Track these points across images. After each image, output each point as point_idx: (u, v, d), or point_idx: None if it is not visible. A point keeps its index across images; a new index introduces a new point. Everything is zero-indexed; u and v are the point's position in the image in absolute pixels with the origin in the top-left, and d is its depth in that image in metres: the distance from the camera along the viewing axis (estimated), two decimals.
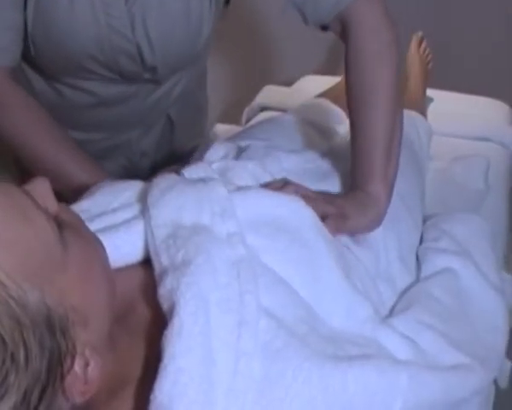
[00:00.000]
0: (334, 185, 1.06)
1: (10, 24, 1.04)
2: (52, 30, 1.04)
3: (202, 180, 0.82)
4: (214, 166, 0.94)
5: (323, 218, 0.87)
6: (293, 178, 0.96)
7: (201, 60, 1.27)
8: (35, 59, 1.10)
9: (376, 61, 1.00)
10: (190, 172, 0.88)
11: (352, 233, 0.95)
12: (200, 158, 1.07)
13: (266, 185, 0.93)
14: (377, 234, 0.98)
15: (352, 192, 1.00)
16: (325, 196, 0.95)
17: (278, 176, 0.97)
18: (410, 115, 1.52)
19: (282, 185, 0.91)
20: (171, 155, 1.39)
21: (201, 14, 1.13)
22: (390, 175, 1.01)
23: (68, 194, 1.01)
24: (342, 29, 1.04)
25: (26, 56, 1.10)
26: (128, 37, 1.09)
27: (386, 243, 0.99)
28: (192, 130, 1.43)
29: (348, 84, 1.03)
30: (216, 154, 1.06)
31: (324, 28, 1.09)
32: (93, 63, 1.09)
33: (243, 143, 1.13)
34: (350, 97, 1.03)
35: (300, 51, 2.40)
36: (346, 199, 0.97)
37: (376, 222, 0.98)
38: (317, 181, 1.03)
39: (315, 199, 0.89)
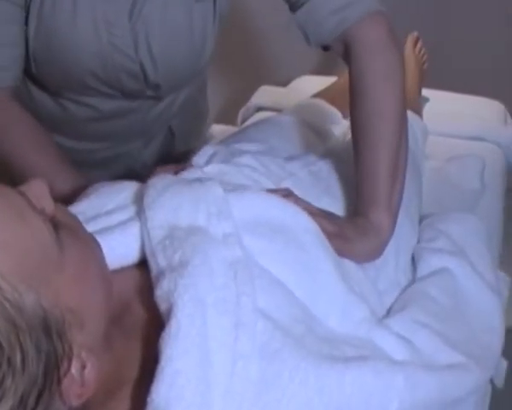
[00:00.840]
0: (336, 197, 1.04)
1: (9, 40, 1.02)
2: (54, 46, 1.03)
3: (199, 180, 0.82)
4: (207, 169, 0.93)
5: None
6: (294, 182, 0.96)
7: (204, 73, 1.26)
8: (37, 75, 1.09)
9: (381, 84, 0.97)
10: (186, 174, 0.88)
11: (350, 258, 0.90)
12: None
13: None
14: None
15: (354, 217, 0.97)
16: (326, 215, 0.93)
17: (278, 179, 0.98)
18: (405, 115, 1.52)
19: (283, 195, 0.89)
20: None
21: (205, 30, 1.11)
22: (394, 203, 0.97)
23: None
24: (345, 50, 1.02)
25: (29, 72, 1.09)
26: (131, 56, 1.07)
27: (385, 253, 0.98)
28: (192, 136, 1.42)
29: (352, 106, 1.01)
30: (203, 157, 1.06)
31: (326, 48, 1.06)
32: (94, 80, 1.08)
33: (237, 147, 1.12)
34: (354, 120, 1.01)
35: (296, 51, 2.40)
36: (348, 222, 0.94)
37: (377, 252, 0.95)
38: (320, 192, 1.02)
39: (315, 214, 0.87)
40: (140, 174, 1.24)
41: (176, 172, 0.91)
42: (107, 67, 1.06)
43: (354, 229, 0.93)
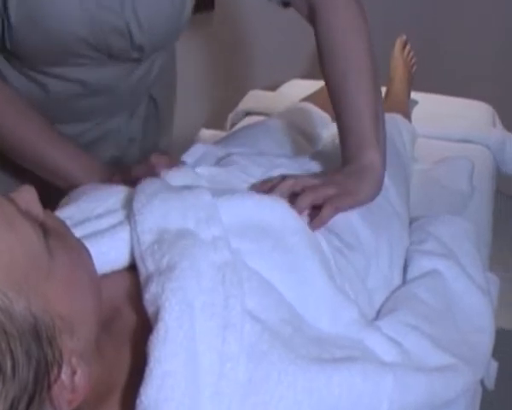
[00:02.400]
0: None
1: None
2: (38, 15, 1.02)
3: (187, 187, 0.83)
4: (199, 170, 0.94)
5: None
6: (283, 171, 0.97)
7: (178, 37, 1.28)
8: (14, 52, 1.08)
9: (347, 33, 1.03)
10: (175, 177, 0.88)
11: (358, 206, 0.96)
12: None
13: (264, 183, 0.94)
14: (370, 239, 0.99)
15: (346, 166, 1.00)
16: (324, 179, 0.95)
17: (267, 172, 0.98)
18: (393, 118, 1.53)
19: (279, 181, 0.92)
20: (158, 141, 1.41)
21: None
22: (380, 139, 1.01)
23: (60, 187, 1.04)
24: (308, 10, 1.07)
25: (2, 52, 1.09)
26: (118, 13, 1.08)
27: (379, 249, 0.99)
28: (171, 109, 1.45)
29: (323, 59, 1.05)
30: (193, 155, 1.06)
31: (286, 4, 1.11)
32: (82, 45, 1.08)
33: (225, 151, 1.13)
34: (327, 73, 1.05)
35: (285, 55, 2.41)
36: (343, 174, 0.98)
37: (377, 189, 0.99)
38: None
39: (314, 188, 0.91)
40: (129, 153, 1.31)
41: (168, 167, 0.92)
42: (95, 28, 1.07)
43: (351, 178, 0.97)
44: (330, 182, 0.95)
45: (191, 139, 1.78)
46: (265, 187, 0.94)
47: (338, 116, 1.04)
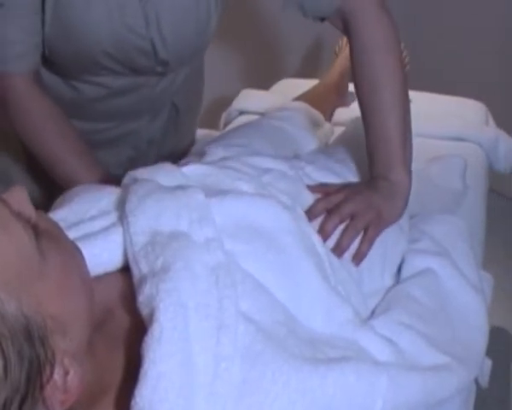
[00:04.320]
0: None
1: (31, 29, 1.09)
2: (70, 31, 1.10)
3: (180, 187, 0.83)
4: (186, 169, 0.93)
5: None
6: (275, 175, 0.98)
7: (205, 50, 1.35)
8: (50, 59, 1.15)
9: (379, 51, 1.06)
10: (163, 177, 0.88)
11: (384, 227, 1.00)
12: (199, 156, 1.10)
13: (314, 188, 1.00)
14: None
15: (374, 182, 1.04)
16: (362, 199, 0.99)
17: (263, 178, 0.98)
18: None
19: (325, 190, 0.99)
20: (176, 145, 1.45)
21: (209, 8, 1.18)
22: (408, 160, 1.06)
23: None
24: (343, 24, 1.10)
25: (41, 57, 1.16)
26: (142, 34, 1.14)
27: (371, 256, 0.99)
28: (193, 115, 1.51)
29: (357, 78, 1.08)
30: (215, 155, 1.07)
31: (323, 19, 1.14)
32: (108, 60, 1.14)
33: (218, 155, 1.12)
34: (360, 92, 1.08)
35: (278, 54, 2.41)
36: (374, 191, 1.02)
37: (404, 208, 1.04)
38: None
39: (355, 215, 0.96)
40: (146, 153, 1.36)
41: None
42: (120, 46, 1.13)
43: (382, 197, 1.02)
44: (368, 205, 0.98)
45: None
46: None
47: (368, 132, 1.08)
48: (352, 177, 1.13)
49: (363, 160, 1.13)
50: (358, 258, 0.96)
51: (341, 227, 0.97)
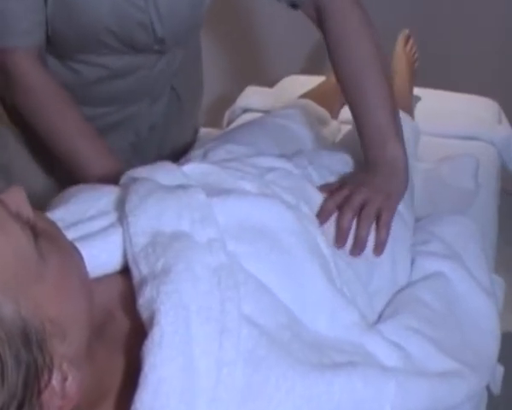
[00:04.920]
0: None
1: (34, 6, 1.13)
2: (72, 8, 1.14)
3: (181, 187, 0.83)
4: (187, 168, 0.93)
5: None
6: (280, 174, 0.99)
7: (198, 32, 1.41)
8: (53, 40, 1.19)
9: (357, 37, 1.11)
10: (164, 176, 0.88)
11: (398, 204, 1.04)
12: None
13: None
14: (371, 245, 0.99)
15: (373, 166, 1.07)
16: (366, 186, 1.02)
17: (266, 177, 0.98)
18: None
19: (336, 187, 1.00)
20: (179, 134, 1.48)
21: None
22: (399, 131, 1.09)
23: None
24: (317, 13, 1.14)
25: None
26: (142, 7, 1.18)
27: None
28: (194, 105, 1.53)
29: (335, 64, 1.12)
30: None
31: (294, 6, 1.18)
32: (109, 37, 1.18)
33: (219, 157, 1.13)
34: (341, 76, 1.12)
35: (283, 51, 2.41)
36: (375, 175, 1.05)
37: (407, 180, 1.07)
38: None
39: (366, 202, 0.99)
40: (148, 139, 1.40)
41: None
42: (121, 21, 1.17)
43: (383, 178, 1.05)
44: (374, 191, 1.01)
45: None
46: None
47: (356, 115, 1.11)
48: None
49: None
50: (380, 247, 0.97)
51: (333, 219, 0.98)
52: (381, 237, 0.98)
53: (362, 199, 0.99)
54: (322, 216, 0.96)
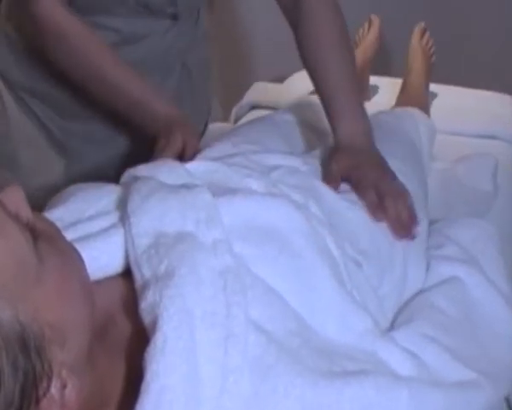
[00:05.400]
0: None
1: None
2: None
3: (185, 186, 0.83)
4: (191, 166, 0.93)
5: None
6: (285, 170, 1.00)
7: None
8: None
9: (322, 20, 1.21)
10: (167, 175, 0.88)
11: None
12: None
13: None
14: (385, 245, 1.00)
15: (352, 145, 1.14)
16: (367, 166, 1.09)
17: (272, 175, 0.98)
18: (410, 112, 1.53)
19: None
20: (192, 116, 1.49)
21: None
22: (357, 109, 1.18)
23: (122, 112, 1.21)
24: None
25: None
26: None
27: (393, 256, 1.00)
28: (205, 87, 1.55)
29: (305, 55, 1.23)
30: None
31: None
32: None
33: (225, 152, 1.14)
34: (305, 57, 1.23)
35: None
36: (362, 153, 1.12)
37: (370, 134, 1.16)
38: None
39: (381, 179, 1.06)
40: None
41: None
42: None
43: (371, 153, 1.13)
44: (373, 166, 1.09)
45: None
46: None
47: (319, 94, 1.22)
48: None
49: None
50: (413, 223, 1.03)
51: None
52: (411, 217, 1.04)
53: (372, 179, 1.06)
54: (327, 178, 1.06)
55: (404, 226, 1.02)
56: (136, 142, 1.38)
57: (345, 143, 1.14)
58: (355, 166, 1.09)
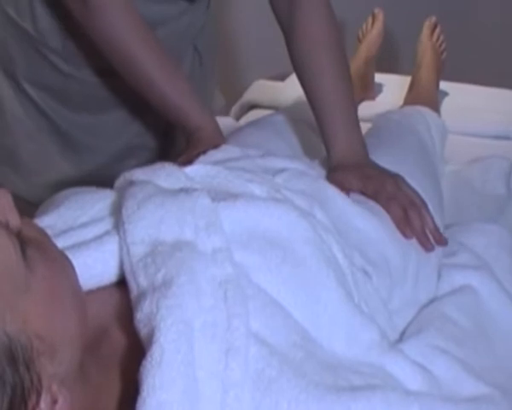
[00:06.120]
0: None
1: None
2: None
3: (184, 190, 0.83)
4: (190, 170, 0.94)
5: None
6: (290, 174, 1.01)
7: None
8: None
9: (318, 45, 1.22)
10: (164, 179, 0.89)
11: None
12: None
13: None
14: (397, 257, 1.00)
15: (360, 158, 1.15)
16: (381, 178, 1.10)
17: (276, 179, 0.99)
18: (420, 111, 1.53)
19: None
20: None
21: None
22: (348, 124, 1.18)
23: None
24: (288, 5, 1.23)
25: None
26: None
27: (406, 268, 1.00)
28: (213, 71, 1.58)
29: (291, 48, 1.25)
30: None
31: None
32: None
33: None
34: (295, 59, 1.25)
35: None
36: (371, 165, 1.14)
37: (365, 148, 1.17)
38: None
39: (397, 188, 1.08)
40: None
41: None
42: None
43: (376, 165, 1.13)
44: (387, 178, 1.10)
45: None
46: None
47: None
48: None
49: (393, 162, 1.14)
50: (440, 236, 1.06)
51: None
52: (430, 223, 1.06)
53: (390, 189, 1.07)
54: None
55: (429, 239, 1.05)
56: (147, 134, 1.42)
57: (341, 160, 1.14)
58: (366, 176, 1.10)
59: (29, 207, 0.99)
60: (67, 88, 1.34)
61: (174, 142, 1.46)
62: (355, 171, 1.11)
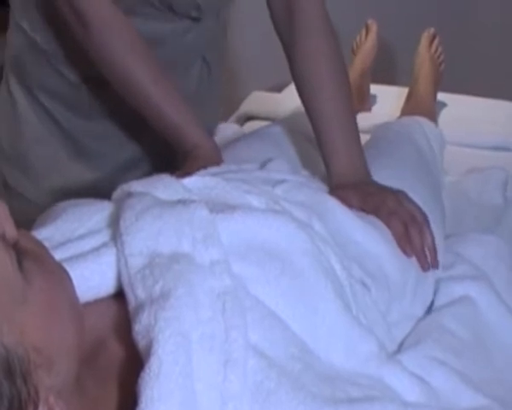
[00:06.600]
0: None
1: None
2: None
3: (182, 202, 0.83)
4: (188, 181, 0.94)
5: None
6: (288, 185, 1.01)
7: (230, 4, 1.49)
8: None
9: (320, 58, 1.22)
10: (162, 191, 0.89)
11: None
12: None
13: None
14: (396, 270, 1.00)
15: (360, 176, 1.14)
16: (381, 193, 1.10)
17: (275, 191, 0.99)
18: (418, 121, 1.53)
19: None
20: (210, 114, 1.54)
21: None
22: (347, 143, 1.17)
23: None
24: (288, 17, 1.24)
25: None
26: None
27: (405, 282, 1.00)
28: (220, 81, 1.58)
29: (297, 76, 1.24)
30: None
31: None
32: None
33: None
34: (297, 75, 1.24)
35: None
36: (372, 183, 1.14)
37: (366, 166, 1.16)
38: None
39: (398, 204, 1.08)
40: None
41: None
42: None
43: (376, 183, 1.13)
44: (388, 194, 1.10)
45: None
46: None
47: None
48: None
49: (393, 175, 1.14)
50: (435, 257, 1.05)
51: None
52: (429, 241, 1.05)
53: (391, 205, 1.07)
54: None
55: (428, 259, 1.05)
56: (156, 144, 1.41)
57: (342, 178, 1.14)
58: (366, 193, 1.10)
59: (40, 212, 0.99)
60: (77, 97, 1.35)
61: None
62: (356, 188, 1.10)
